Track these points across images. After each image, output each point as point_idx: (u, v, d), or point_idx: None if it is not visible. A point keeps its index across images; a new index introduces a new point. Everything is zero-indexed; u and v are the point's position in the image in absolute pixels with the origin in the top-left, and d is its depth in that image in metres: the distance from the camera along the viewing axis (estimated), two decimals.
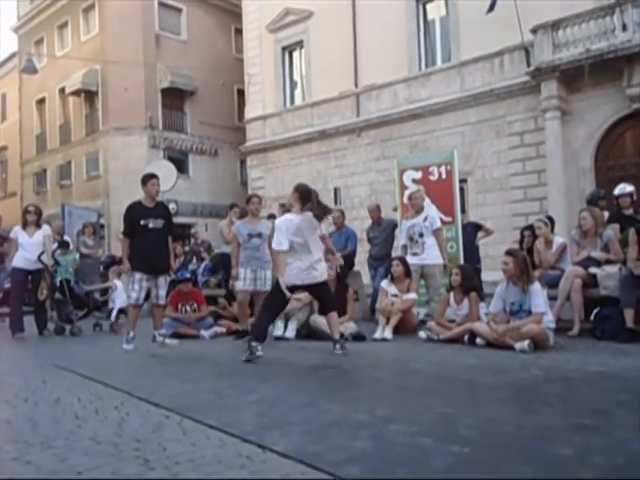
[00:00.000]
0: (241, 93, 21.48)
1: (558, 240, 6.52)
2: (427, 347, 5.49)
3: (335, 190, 17.31)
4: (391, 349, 5.51)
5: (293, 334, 6.51)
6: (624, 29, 11.94)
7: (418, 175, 8.11)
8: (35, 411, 3.16)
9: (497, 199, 14.30)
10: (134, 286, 5.93)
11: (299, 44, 18.83)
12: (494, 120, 14.47)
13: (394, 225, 8.41)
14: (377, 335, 6.11)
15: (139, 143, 20.41)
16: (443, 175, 7.92)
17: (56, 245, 8.25)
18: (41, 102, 24.52)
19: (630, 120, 12.64)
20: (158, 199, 6.31)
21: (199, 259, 10.39)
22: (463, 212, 8.98)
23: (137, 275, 5.93)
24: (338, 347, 5.05)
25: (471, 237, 8.23)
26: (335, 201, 17.02)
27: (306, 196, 5.07)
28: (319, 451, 2.26)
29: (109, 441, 2.50)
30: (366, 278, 8.77)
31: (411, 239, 6.91)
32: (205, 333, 7.05)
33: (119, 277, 8.40)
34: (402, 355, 5.12)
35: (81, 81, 21.02)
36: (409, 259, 6.81)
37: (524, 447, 2.31)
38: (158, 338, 6.09)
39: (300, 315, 6.64)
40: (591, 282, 5.77)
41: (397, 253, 7.67)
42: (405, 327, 6.41)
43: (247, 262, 6.44)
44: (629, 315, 5.26)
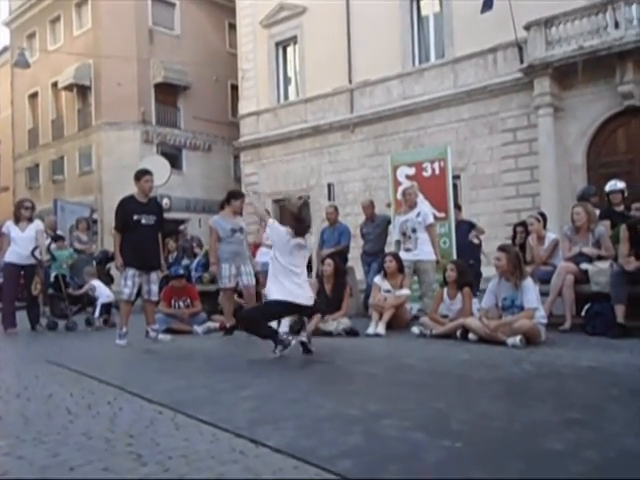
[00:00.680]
0: (235, 88, 21.42)
1: (550, 236, 6.55)
2: (420, 342, 5.51)
3: (329, 186, 17.30)
4: (384, 344, 5.53)
5: (286, 329, 6.50)
6: (616, 26, 11.99)
7: (412, 171, 8.12)
8: (27, 406, 3.15)
9: (490, 195, 14.35)
10: (127, 282, 5.92)
11: (293, 39, 18.78)
12: (487, 117, 14.50)
13: (388, 221, 8.42)
14: (370, 330, 6.12)
15: (132, 138, 20.31)
16: (436, 171, 7.94)
17: (50, 240, 8.23)
18: (33, 97, 24.35)
19: (622, 117, 12.71)
20: (151, 194, 6.30)
21: (191, 255, 10.35)
22: (459, 209, 9.01)
23: (130, 271, 5.92)
24: (279, 348, 4.73)
25: (465, 234, 8.30)
26: (329, 197, 17.01)
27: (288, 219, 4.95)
28: (312, 446, 2.27)
29: (102, 436, 2.49)
30: (359, 274, 8.78)
31: (404, 234, 6.92)
32: (198, 328, 7.05)
33: (93, 277, 8.33)
34: (395, 350, 5.13)
35: (74, 76, 20.89)
36: (402, 255, 6.83)
37: (516, 441, 2.33)
38: (151, 334, 6.09)
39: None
40: (582, 278, 5.80)
41: (391, 249, 7.70)
42: (398, 322, 6.43)
43: (232, 258, 6.41)
44: (620, 311, 5.29)
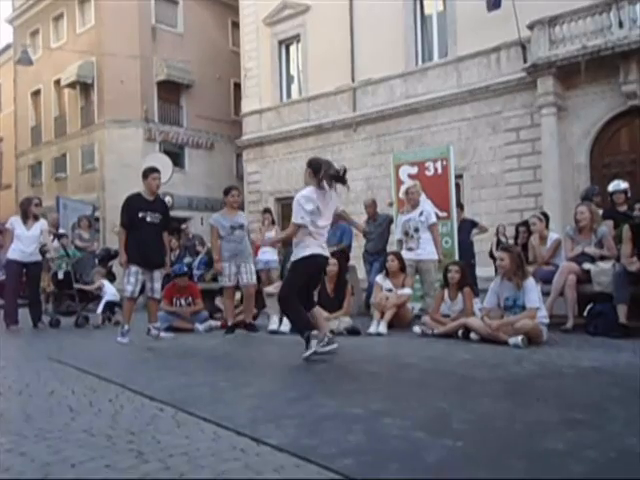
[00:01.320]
0: (237, 87, 21.40)
1: (552, 236, 6.55)
2: (421, 342, 5.51)
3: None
4: (386, 343, 5.53)
5: (288, 328, 6.51)
6: (620, 26, 11.95)
7: (414, 170, 8.11)
8: (29, 403, 3.16)
9: (492, 195, 14.32)
10: (130, 279, 5.93)
11: (296, 38, 18.76)
12: (490, 116, 14.47)
13: (390, 220, 8.42)
14: (372, 329, 6.12)
15: (135, 136, 20.33)
16: (439, 170, 7.93)
17: (52, 238, 8.26)
18: (36, 94, 24.38)
19: (626, 117, 12.66)
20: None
21: (193, 253, 10.37)
22: (461, 208, 9.01)
23: (133, 268, 5.93)
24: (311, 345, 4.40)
25: (468, 233, 8.34)
26: None
27: (317, 169, 4.56)
28: (313, 444, 2.27)
29: (103, 433, 2.50)
30: (361, 273, 8.78)
31: (406, 234, 6.92)
32: (200, 326, 7.06)
33: (103, 277, 8.42)
34: (396, 350, 5.13)
35: (77, 73, 20.90)
36: (404, 254, 6.83)
37: (517, 441, 2.33)
38: (153, 331, 6.10)
39: None
40: (585, 278, 5.79)
41: (393, 248, 7.70)
42: (400, 322, 6.44)
43: (232, 257, 6.39)
44: (622, 311, 5.29)
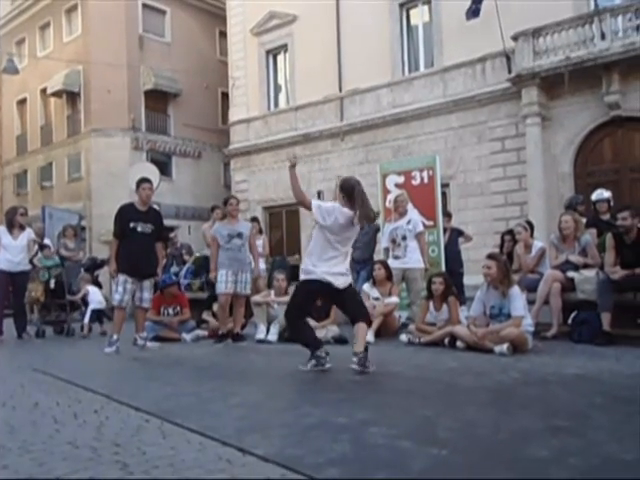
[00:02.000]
0: (225, 96, 21.43)
1: (537, 244, 6.61)
2: (408, 350, 5.52)
3: (319, 193, 17.32)
4: (372, 352, 5.48)
5: (275, 337, 6.52)
6: (603, 38, 12.15)
7: (401, 179, 8.18)
8: (13, 415, 3.13)
9: (478, 203, 14.43)
10: (118, 288, 5.92)
11: (283, 48, 18.84)
12: (476, 125, 14.62)
13: (376, 229, 8.45)
14: None
15: (122, 145, 20.24)
16: (425, 180, 8.00)
17: (37, 248, 8.19)
18: (22, 103, 24.21)
19: (608, 127, 12.86)
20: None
21: (180, 262, 10.33)
22: (450, 217, 9.09)
23: (121, 277, 5.91)
24: (355, 360, 4.28)
25: (456, 242, 8.42)
26: None
27: (350, 195, 4.28)
28: (299, 454, 2.27)
29: (88, 445, 2.48)
30: None
31: (394, 241, 6.96)
32: (187, 336, 7.03)
33: (88, 283, 8.40)
34: (383, 358, 5.13)
35: (63, 82, 20.80)
36: (391, 262, 6.86)
37: (501, 449, 2.35)
38: (139, 341, 6.06)
39: (282, 318, 6.64)
40: (569, 286, 5.86)
41: (380, 257, 7.72)
42: (387, 330, 6.45)
43: (229, 264, 6.39)
44: (606, 319, 5.36)
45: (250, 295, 7.37)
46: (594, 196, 6.96)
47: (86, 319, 7.91)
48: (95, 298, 8.06)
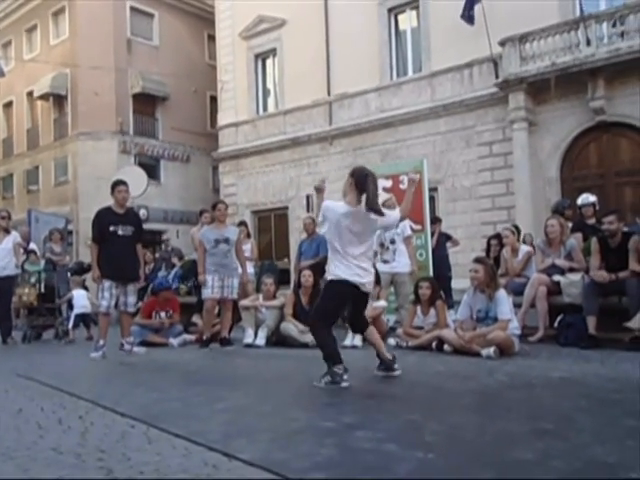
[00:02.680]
0: (214, 99, 21.39)
1: (524, 248, 6.67)
2: (396, 354, 5.51)
3: (307, 197, 17.32)
4: (360, 356, 5.53)
5: (263, 342, 6.50)
6: (588, 44, 12.29)
7: (388, 183, 8.20)
8: None
9: (466, 208, 14.52)
10: (104, 294, 5.87)
11: (272, 52, 18.86)
12: (464, 130, 14.71)
13: None
14: (347, 342, 6.13)
15: (109, 148, 20.13)
16: None
17: (24, 255, 8.15)
18: (8, 106, 24.01)
19: (594, 132, 12.99)
20: (128, 205, 6.26)
21: (169, 266, 10.29)
22: (439, 221, 9.14)
23: (106, 283, 5.87)
24: (396, 367, 4.20)
25: (444, 246, 8.49)
26: (307, 208, 17.04)
27: (362, 184, 3.96)
28: (285, 459, 2.27)
29: (72, 451, 2.46)
30: None
31: (382, 245, 6.97)
32: (174, 341, 6.99)
33: (78, 286, 8.34)
34: (371, 362, 5.12)
35: (50, 85, 20.65)
36: (379, 266, 6.86)
37: (486, 452, 2.36)
38: (126, 346, 6.03)
39: (270, 322, 6.64)
40: (555, 289, 5.91)
41: None
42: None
43: (215, 269, 6.37)
44: (591, 322, 5.41)
45: (238, 299, 7.36)
46: (580, 200, 7.03)
47: (70, 323, 7.83)
48: (79, 302, 7.96)
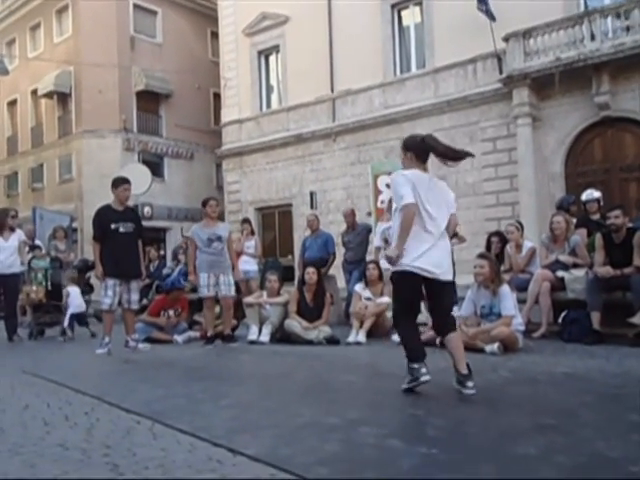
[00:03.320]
0: (217, 96, 21.40)
1: (527, 244, 6.65)
2: (400, 350, 5.45)
3: (311, 194, 17.35)
4: (364, 352, 5.55)
5: (267, 338, 6.52)
6: (592, 39, 12.24)
7: None
8: (3, 418, 3.12)
9: (470, 204, 14.48)
10: (107, 292, 5.90)
11: (275, 48, 18.85)
12: (468, 126, 14.67)
13: (369, 229, 8.48)
14: (351, 339, 6.15)
15: (113, 146, 20.18)
16: None
17: (28, 249, 8.16)
18: (12, 104, 24.08)
19: (598, 127, 12.95)
20: (130, 203, 6.29)
21: (174, 259, 10.24)
22: None
23: (110, 281, 5.90)
24: (469, 385, 3.38)
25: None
26: (311, 205, 17.06)
27: (422, 150, 3.50)
28: (289, 454, 2.28)
29: (78, 447, 2.48)
30: (341, 282, 8.81)
31: (386, 241, 6.97)
32: (179, 338, 7.01)
33: (72, 283, 8.23)
34: (375, 358, 5.16)
35: (54, 83, 20.70)
36: (383, 263, 6.86)
37: (490, 447, 2.36)
38: (131, 343, 6.05)
39: (274, 319, 6.65)
40: (559, 285, 5.90)
41: (371, 257, 7.74)
42: (378, 331, 6.46)
43: (209, 268, 6.35)
44: (595, 318, 5.40)
45: (242, 296, 7.38)
46: (584, 196, 7.01)
47: (65, 322, 7.66)
48: (74, 302, 7.80)
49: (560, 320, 5.84)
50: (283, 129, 18.30)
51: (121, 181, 6.15)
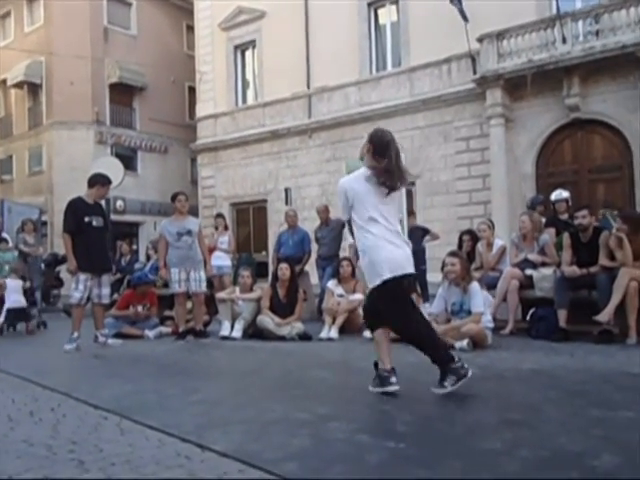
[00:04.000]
0: (192, 90, 21.19)
1: (498, 242, 6.76)
2: (372, 346, 5.50)
3: (286, 190, 17.33)
4: (336, 348, 5.58)
5: (240, 334, 6.50)
6: (564, 41, 12.45)
7: None
8: None
9: (444, 202, 14.65)
10: (78, 286, 5.81)
11: (252, 43, 18.75)
12: (442, 125, 14.82)
13: (342, 225, 8.49)
14: (323, 335, 6.18)
15: (85, 138, 19.84)
16: None
17: None
18: None
19: (569, 129, 13.19)
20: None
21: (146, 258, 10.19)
22: (413, 215, 9.19)
23: (82, 276, 5.82)
24: (393, 381, 3.36)
25: (419, 240, 8.54)
26: (286, 201, 17.04)
27: (383, 149, 3.41)
28: (258, 449, 2.29)
29: (43, 443, 2.44)
30: (314, 278, 8.83)
31: None
32: (150, 333, 6.95)
33: (15, 275, 7.88)
34: (347, 354, 5.19)
35: (24, 73, 20.27)
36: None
37: (456, 442, 2.40)
38: (100, 338, 5.98)
39: (247, 315, 6.63)
40: (527, 283, 6.01)
41: (345, 253, 7.77)
42: (351, 327, 6.50)
43: (180, 263, 6.32)
44: (562, 315, 5.52)
45: (215, 292, 7.35)
46: (553, 196, 7.15)
47: (1, 319, 7.33)
48: (12, 296, 7.40)
49: (528, 317, 5.96)
50: (259, 125, 18.22)
51: (106, 181, 6.12)
